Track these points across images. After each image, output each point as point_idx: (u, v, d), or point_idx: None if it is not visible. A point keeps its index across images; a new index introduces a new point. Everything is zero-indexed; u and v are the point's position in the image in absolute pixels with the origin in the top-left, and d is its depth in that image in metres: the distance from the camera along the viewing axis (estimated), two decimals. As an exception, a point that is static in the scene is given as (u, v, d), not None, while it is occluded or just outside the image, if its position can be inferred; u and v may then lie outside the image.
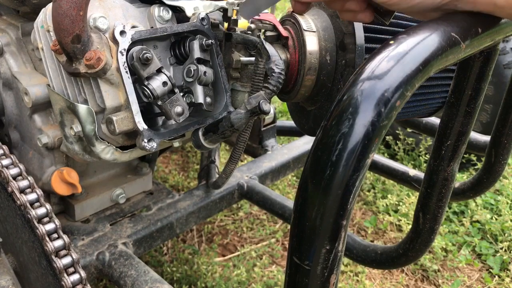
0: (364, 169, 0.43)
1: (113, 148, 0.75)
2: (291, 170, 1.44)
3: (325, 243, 0.45)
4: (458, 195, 1.15)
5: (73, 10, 0.62)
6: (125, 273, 0.93)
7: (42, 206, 0.64)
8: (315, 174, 0.44)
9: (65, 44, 0.64)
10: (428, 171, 0.79)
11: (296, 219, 0.47)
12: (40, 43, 0.74)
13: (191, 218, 1.17)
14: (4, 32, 0.90)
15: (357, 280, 1.47)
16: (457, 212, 1.74)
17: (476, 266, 1.54)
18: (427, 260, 1.52)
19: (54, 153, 0.90)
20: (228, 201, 1.28)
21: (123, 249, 1.00)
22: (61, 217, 1.05)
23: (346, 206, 0.44)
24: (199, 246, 1.59)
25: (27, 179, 0.67)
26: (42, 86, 0.84)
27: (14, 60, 0.89)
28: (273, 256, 1.57)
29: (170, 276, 1.42)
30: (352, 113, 0.42)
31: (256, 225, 1.69)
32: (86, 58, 0.66)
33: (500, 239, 1.60)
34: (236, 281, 1.42)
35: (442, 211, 0.81)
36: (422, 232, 0.83)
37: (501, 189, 1.81)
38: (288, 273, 0.49)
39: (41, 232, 0.62)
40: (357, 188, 0.44)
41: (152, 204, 1.15)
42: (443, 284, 1.47)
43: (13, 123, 0.93)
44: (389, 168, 1.35)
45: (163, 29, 0.73)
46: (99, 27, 0.69)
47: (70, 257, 0.63)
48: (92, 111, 0.70)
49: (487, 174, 1.06)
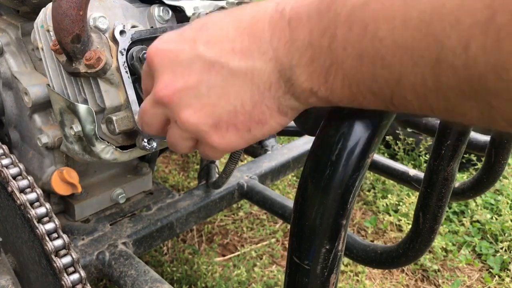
0: (364, 169, 0.43)
1: (113, 148, 0.75)
2: (291, 170, 1.44)
3: (325, 242, 0.45)
4: (458, 195, 1.15)
5: (73, 10, 0.62)
6: (125, 273, 0.93)
7: (42, 206, 0.64)
8: (315, 173, 0.44)
9: (65, 44, 0.64)
10: (428, 171, 0.79)
11: (296, 218, 0.47)
12: (40, 43, 0.74)
13: (191, 218, 1.17)
14: (4, 32, 0.90)
15: (357, 280, 1.47)
16: (457, 212, 1.74)
17: (476, 266, 1.54)
18: (427, 260, 1.52)
19: (54, 153, 0.90)
20: (228, 201, 1.28)
21: (123, 249, 1.00)
22: (61, 217, 1.05)
23: (346, 205, 0.44)
24: (199, 246, 1.59)
25: (27, 178, 0.67)
26: (42, 86, 0.84)
27: (14, 60, 0.89)
28: (273, 256, 1.57)
29: (170, 276, 1.42)
30: (351, 113, 0.42)
31: (256, 225, 1.69)
32: (86, 58, 0.66)
33: (500, 239, 1.60)
34: (236, 281, 1.42)
35: (442, 211, 0.81)
36: (422, 232, 0.83)
37: (501, 189, 1.81)
38: (288, 273, 0.49)
39: (41, 232, 0.62)
40: (357, 188, 0.44)
41: (152, 204, 1.15)
42: (443, 284, 1.47)
43: (13, 123, 0.93)
44: (389, 168, 1.34)
45: (163, 29, 0.73)
46: (99, 27, 0.69)
47: (70, 256, 0.63)
48: (92, 111, 0.70)
49: (487, 174, 1.06)
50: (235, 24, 0.41)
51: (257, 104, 0.42)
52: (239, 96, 0.42)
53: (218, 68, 0.42)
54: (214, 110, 0.43)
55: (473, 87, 0.28)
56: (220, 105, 0.43)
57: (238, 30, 0.41)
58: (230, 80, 0.42)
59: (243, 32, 0.41)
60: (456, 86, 0.29)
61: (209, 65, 0.42)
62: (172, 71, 0.45)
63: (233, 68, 0.41)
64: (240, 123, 0.44)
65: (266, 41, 0.39)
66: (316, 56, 0.36)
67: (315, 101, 0.39)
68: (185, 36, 0.45)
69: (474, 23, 0.26)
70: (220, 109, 0.43)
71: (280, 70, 0.39)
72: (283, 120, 0.43)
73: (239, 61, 0.41)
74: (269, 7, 0.40)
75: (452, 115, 0.32)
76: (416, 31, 0.30)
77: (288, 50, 0.38)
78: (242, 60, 0.40)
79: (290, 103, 0.41)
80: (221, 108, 0.43)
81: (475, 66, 0.27)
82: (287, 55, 0.38)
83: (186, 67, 0.44)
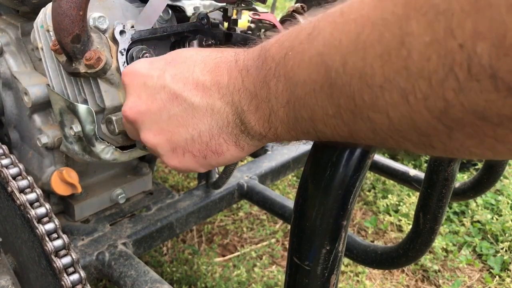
0: (364, 169, 0.43)
1: (113, 148, 0.75)
2: (291, 170, 1.44)
3: (325, 243, 0.45)
4: (459, 195, 1.15)
5: (73, 10, 0.62)
6: (125, 273, 0.93)
7: (41, 206, 0.64)
8: (315, 174, 0.44)
9: (64, 44, 0.64)
10: (429, 171, 0.79)
11: (296, 219, 0.46)
12: (40, 43, 0.74)
13: (191, 218, 1.17)
14: (3, 32, 0.90)
15: (358, 281, 1.46)
16: (458, 212, 1.74)
17: (476, 266, 1.54)
18: (428, 260, 1.52)
19: (53, 153, 0.90)
20: (228, 201, 1.27)
21: (123, 249, 1.00)
22: (60, 217, 1.05)
23: (346, 206, 0.44)
24: (199, 246, 1.58)
25: (26, 179, 0.67)
26: (42, 86, 0.84)
27: (13, 60, 0.89)
28: (273, 256, 1.57)
29: (170, 276, 1.42)
30: (352, 113, 0.42)
31: (256, 225, 1.69)
32: (86, 58, 0.66)
33: (501, 239, 1.60)
34: (236, 281, 1.42)
35: (443, 211, 0.80)
36: (423, 232, 0.83)
37: (501, 189, 1.81)
38: (288, 273, 0.49)
39: (41, 232, 0.62)
40: (357, 189, 0.44)
41: (152, 204, 1.15)
42: (444, 284, 1.47)
43: (13, 123, 0.92)
44: (390, 168, 1.34)
45: (163, 29, 0.73)
46: (99, 27, 0.68)
47: (70, 257, 0.63)
48: (92, 111, 0.70)
49: (488, 174, 1.06)
50: (201, 65, 0.46)
51: (215, 136, 0.45)
52: (197, 128, 0.46)
53: (180, 101, 0.46)
54: (172, 137, 0.48)
55: (356, 104, 0.31)
56: (179, 133, 0.47)
57: (203, 71, 0.45)
58: (190, 113, 0.45)
59: (207, 74, 0.45)
60: (346, 107, 0.32)
61: (173, 96, 0.46)
62: (137, 95, 0.50)
63: (194, 103, 0.45)
64: (196, 151, 0.47)
65: (224, 85, 0.43)
66: (259, 105, 0.40)
67: (269, 140, 0.43)
68: (156, 66, 0.50)
69: (349, 44, 0.31)
70: (178, 136, 0.47)
71: (235, 112, 0.43)
72: (240, 154, 0.46)
73: (201, 98, 0.45)
74: (229, 55, 0.44)
75: (354, 137, 0.35)
76: (313, 64, 0.34)
77: (241, 96, 0.41)
78: (204, 98, 0.44)
79: (246, 141, 0.44)
80: (179, 136, 0.47)
81: (351, 81, 0.31)
82: (240, 101, 0.42)
83: (151, 94, 0.48)
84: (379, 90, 0.29)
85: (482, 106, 0.25)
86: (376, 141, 0.34)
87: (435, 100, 0.26)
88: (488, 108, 0.25)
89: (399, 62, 0.27)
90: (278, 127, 0.40)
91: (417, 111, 0.28)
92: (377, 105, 0.30)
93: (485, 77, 0.24)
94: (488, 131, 0.26)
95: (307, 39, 0.35)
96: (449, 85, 0.25)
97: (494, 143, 0.26)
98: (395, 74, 0.28)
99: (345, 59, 0.31)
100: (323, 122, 0.35)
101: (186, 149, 0.47)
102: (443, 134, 0.28)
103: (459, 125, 0.27)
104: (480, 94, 0.24)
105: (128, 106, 0.51)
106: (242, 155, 0.47)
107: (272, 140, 0.43)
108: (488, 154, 0.28)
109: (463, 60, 0.24)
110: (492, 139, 0.26)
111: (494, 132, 0.26)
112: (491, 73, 0.23)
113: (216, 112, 0.44)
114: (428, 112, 0.27)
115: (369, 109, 0.31)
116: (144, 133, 0.50)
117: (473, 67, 0.24)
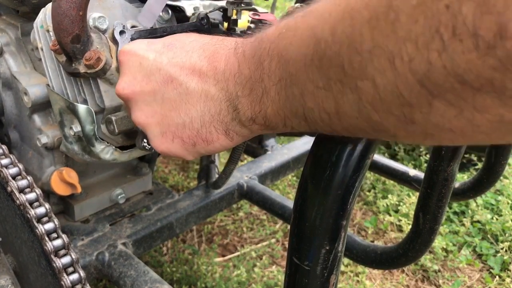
0: (364, 169, 0.43)
1: (112, 148, 0.75)
2: (291, 170, 1.44)
3: (325, 243, 0.45)
4: (459, 195, 1.15)
5: (72, 10, 0.62)
6: (124, 273, 0.93)
7: (41, 206, 0.64)
8: (315, 174, 0.44)
9: (64, 44, 0.64)
10: (428, 171, 0.79)
11: (295, 219, 0.46)
12: (40, 43, 0.74)
13: (191, 218, 1.17)
14: (3, 32, 0.90)
15: (357, 281, 1.46)
16: (458, 212, 1.74)
17: (476, 267, 1.54)
18: (428, 260, 1.52)
19: (53, 153, 0.90)
20: (228, 201, 1.27)
21: (123, 249, 1.00)
22: (60, 217, 1.05)
23: (346, 206, 0.44)
24: (199, 246, 1.58)
25: (26, 178, 0.67)
26: (42, 86, 0.84)
27: (13, 60, 0.89)
28: (273, 256, 1.57)
29: (170, 276, 1.42)
30: (352, 113, 0.42)
31: (256, 225, 1.69)
32: (85, 58, 0.66)
33: (501, 239, 1.60)
34: (236, 282, 1.42)
35: (442, 211, 0.81)
36: (422, 232, 0.83)
37: (501, 189, 1.81)
38: (288, 274, 0.49)
39: (41, 232, 0.62)
40: (357, 189, 0.44)
41: (152, 204, 1.15)
42: (444, 284, 1.47)
43: (13, 123, 0.92)
44: (389, 168, 1.34)
45: (163, 29, 0.73)
46: (99, 27, 0.68)
47: (70, 256, 0.63)
48: (91, 111, 0.70)
49: (488, 174, 1.06)
50: (199, 51, 0.46)
51: (206, 124, 0.45)
52: (189, 113, 0.46)
53: (175, 84, 0.46)
54: (163, 120, 0.48)
55: (345, 72, 0.32)
56: (170, 117, 0.47)
57: (201, 56, 0.45)
58: (184, 97, 0.46)
59: (204, 60, 0.45)
60: (336, 78, 0.33)
61: (168, 79, 0.47)
62: (132, 75, 0.50)
63: (189, 88, 0.45)
64: (186, 137, 0.47)
65: (221, 71, 0.43)
66: (253, 87, 0.40)
67: (257, 128, 0.43)
68: (154, 47, 0.50)
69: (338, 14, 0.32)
70: (169, 120, 0.47)
71: (229, 99, 0.43)
72: (228, 144, 0.47)
73: (196, 84, 0.45)
74: (229, 43, 0.45)
75: (339, 115, 0.35)
76: (305, 39, 0.34)
77: (235, 82, 0.42)
78: (199, 83, 0.45)
79: (236, 129, 0.45)
80: (170, 120, 0.47)
81: (340, 50, 0.31)
82: (234, 86, 0.42)
83: (146, 75, 0.48)
84: (368, 56, 0.30)
85: (463, 68, 0.25)
86: (360, 119, 0.34)
87: (420, 62, 0.27)
88: (468, 70, 0.25)
89: (387, 26, 0.28)
90: (268, 108, 0.40)
91: (402, 75, 0.28)
92: (365, 73, 0.30)
93: (467, 36, 0.24)
94: (467, 97, 0.26)
95: (302, 17, 0.36)
96: (434, 46, 0.26)
97: (473, 112, 0.27)
98: (383, 38, 0.28)
99: (334, 28, 0.32)
100: (312, 98, 0.35)
101: (176, 134, 0.47)
102: (425, 103, 0.29)
103: (440, 90, 0.27)
104: (462, 54, 0.25)
105: (121, 85, 0.51)
106: (230, 145, 0.47)
107: (261, 128, 0.43)
108: (467, 129, 0.28)
109: (448, 20, 0.25)
110: (471, 107, 0.27)
111: (473, 99, 0.26)
112: (473, 31, 0.24)
113: (209, 99, 0.44)
114: (412, 75, 0.28)
115: (357, 77, 0.31)
116: (135, 113, 0.50)
117: (457, 28, 0.25)
